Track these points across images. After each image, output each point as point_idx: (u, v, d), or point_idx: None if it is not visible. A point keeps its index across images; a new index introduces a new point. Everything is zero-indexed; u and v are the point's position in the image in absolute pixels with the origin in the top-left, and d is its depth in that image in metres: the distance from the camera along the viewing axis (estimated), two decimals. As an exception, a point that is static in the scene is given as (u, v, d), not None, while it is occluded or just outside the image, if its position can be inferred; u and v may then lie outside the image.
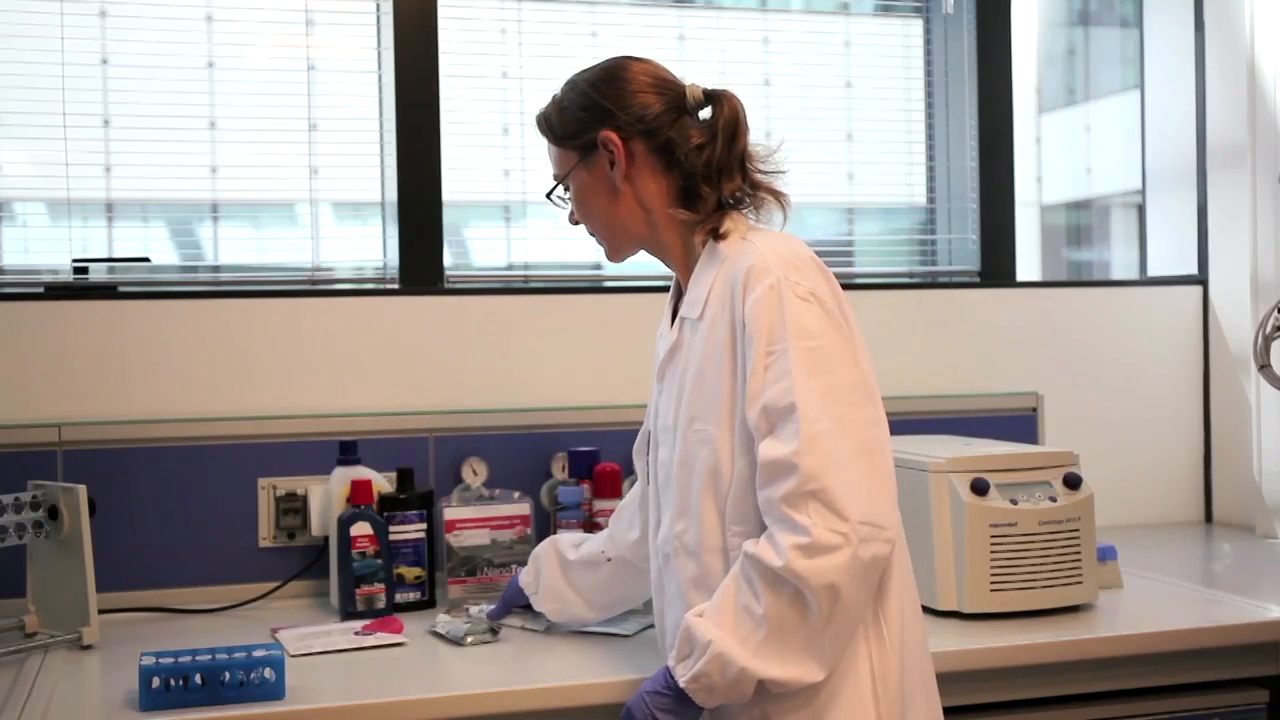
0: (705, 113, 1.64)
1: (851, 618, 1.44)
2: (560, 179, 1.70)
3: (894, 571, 1.52)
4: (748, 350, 1.48)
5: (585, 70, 1.69)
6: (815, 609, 1.41)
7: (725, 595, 1.46)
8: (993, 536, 2.00)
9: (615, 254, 1.71)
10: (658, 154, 1.62)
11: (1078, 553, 2.04)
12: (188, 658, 1.66)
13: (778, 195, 1.64)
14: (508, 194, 2.70)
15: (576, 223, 1.72)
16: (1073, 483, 2.07)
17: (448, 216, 2.58)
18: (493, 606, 2.02)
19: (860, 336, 1.53)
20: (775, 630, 1.42)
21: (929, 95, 2.97)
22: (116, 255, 2.48)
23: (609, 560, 1.89)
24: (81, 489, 1.98)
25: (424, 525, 2.24)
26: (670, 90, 1.64)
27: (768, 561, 1.41)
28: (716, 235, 1.59)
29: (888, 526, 1.43)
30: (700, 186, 1.61)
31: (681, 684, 1.46)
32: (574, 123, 1.65)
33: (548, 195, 1.73)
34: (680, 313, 1.63)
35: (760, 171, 1.64)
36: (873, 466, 1.44)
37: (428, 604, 2.22)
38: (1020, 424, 2.72)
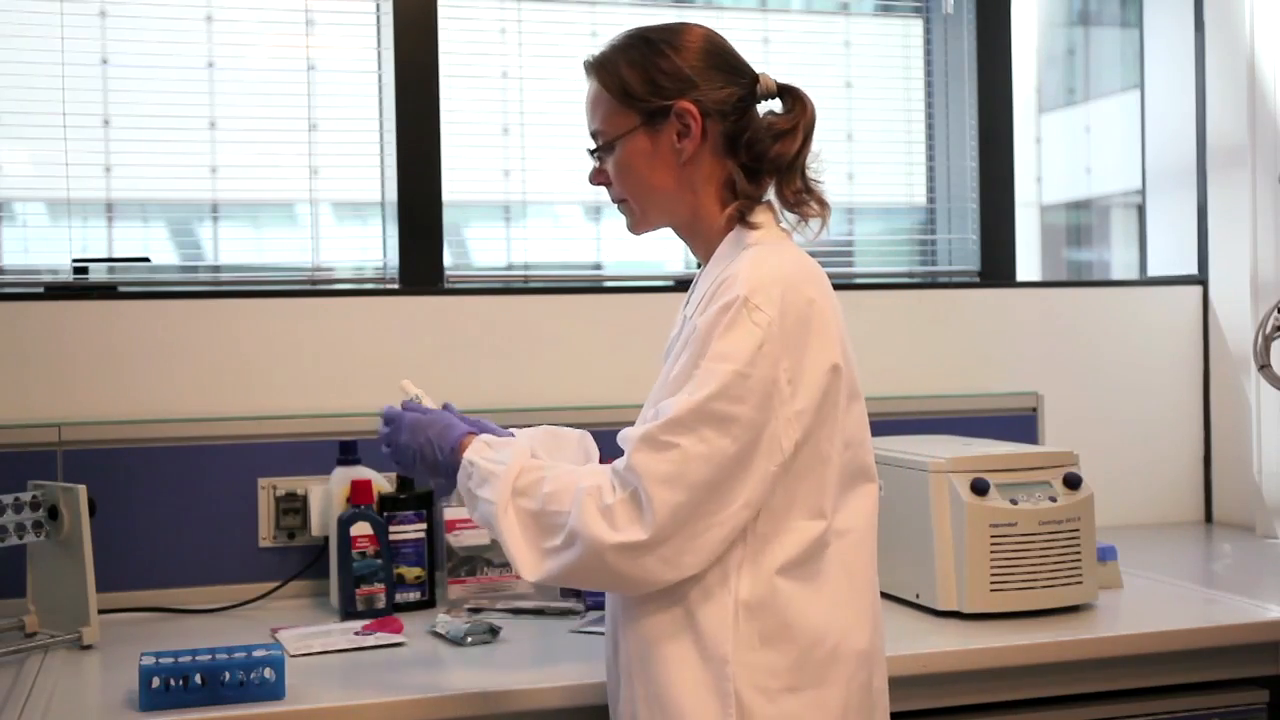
0: (774, 105, 1.59)
1: (584, 581, 1.49)
2: (612, 138, 1.57)
3: (827, 572, 1.47)
4: (687, 347, 1.45)
5: (658, 29, 1.58)
6: (560, 540, 1.43)
7: (556, 471, 1.49)
8: (993, 536, 2.00)
9: (641, 226, 1.62)
10: (724, 137, 1.56)
11: (1078, 553, 2.04)
12: (188, 658, 1.65)
13: (824, 204, 1.60)
14: (508, 194, 2.70)
15: (600, 184, 1.63)
16: (1073, 483, 2.07)
17: (448, 216, 2.58)
18: None
19: (821, 368, 1.45)
20: (539, 520, 1.45)
21: (929, 95, 2.97)
22: (116, 255, 2.48)
23: None
24: (81, 489, 1.98)
25: (424, 525, 2.24)
26: (746, 75, 1.57)
27: (585, 478, 1.45)
28: (746, 223, 1.55)
29: (673, 551, 1.40)
30: (762, 179, 1.56)
31: (463, 455, 1.52)
32: (648, 84, 1.54)
33: (593, 151, 1.62)
34: (684, 308, 1.60)
35: (814, 180, 1.60)
36: (703, 497, 1.40)
37: (428, 604, 2.22)
38: (1020, 424, 2.72)
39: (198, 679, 1.63)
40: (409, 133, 2.55)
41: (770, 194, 1.59)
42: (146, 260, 2.49)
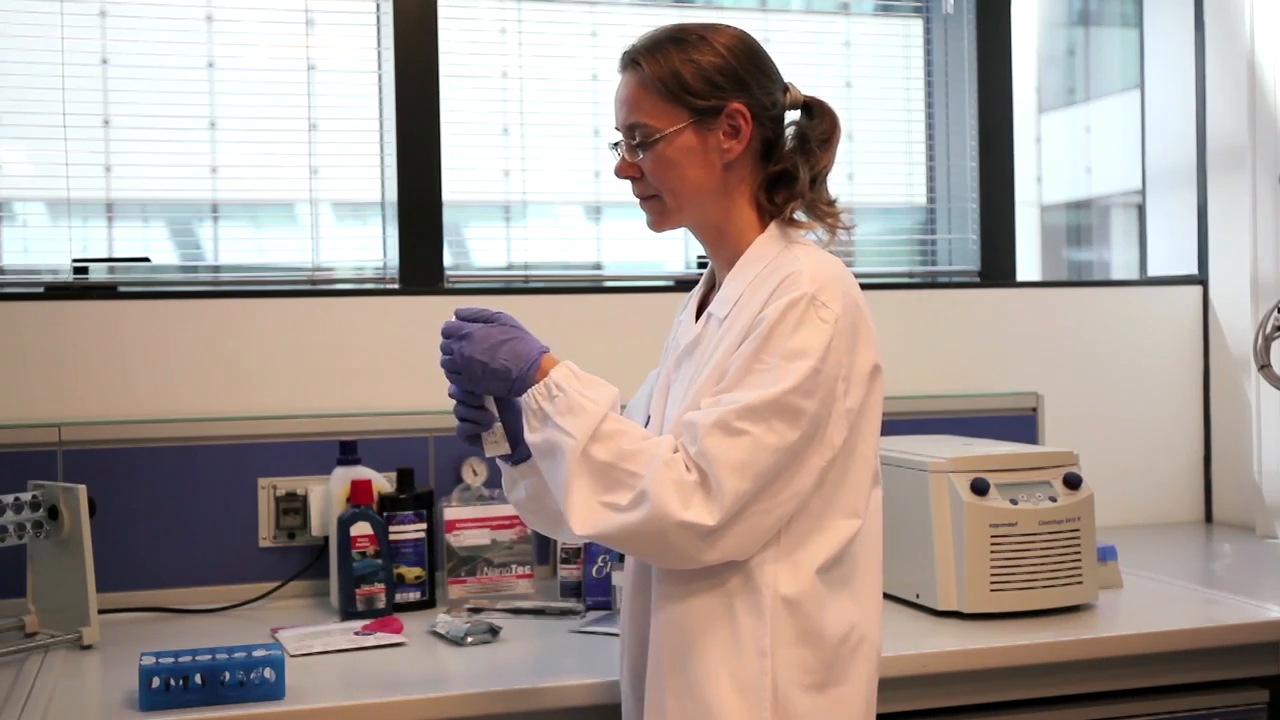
0: (796, 115, 1.61)
1: (636, 548, 1.44)
2: (659, 133, 1.54)
3: (858, 566, 1.50)
4: (749, 340, 1.46)
5: (709, 27, 1.57)
6: (628, 499, 1.40)
7: (640, 432, 1.47)
8: (993, 536, 2.00)
9: (668, 223, 1.60)
10: (763, 143, 1.56)
11: (1078, 553, 2.04)
12: (188, 658, 1.66)
13: (849, 211, 1.61)
14: (508, 194, 2.69)
15: (628, 176, 1.59)
16: (1073, 483, 2.07)
17: (448, 216, 2.58)
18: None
19: (866, 369, 1.51)
20: (610, 473, 1.42)
21: (929, 95, 2.97)
22: (116, 255, 2.48)
23: None
24: (81, 489, 1.98)
25: (424, 525, 2.24)
26: (781, 83, 1.59)
27: (665, 448, 1.42)
28: (793, 222, 1.56)
29: (725, 537, 1.41)
30: (794, 188, 1.56)
31: (552, 373, 1.47)
32: (706, 82, 1.53)
33: (631, 145, 1.57)
34: (709, 308, 1.58)
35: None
36: (762, 485, 1.41)
37: (428, 604, 2.22)
38: (1020, 424, 2.72)
39: (198, 679, 1.63)
40: (409, 133, 2.55)
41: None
42: (146, 260, 2.49)
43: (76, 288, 2.41)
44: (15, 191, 2.49)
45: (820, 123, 1.59)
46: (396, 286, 2.55)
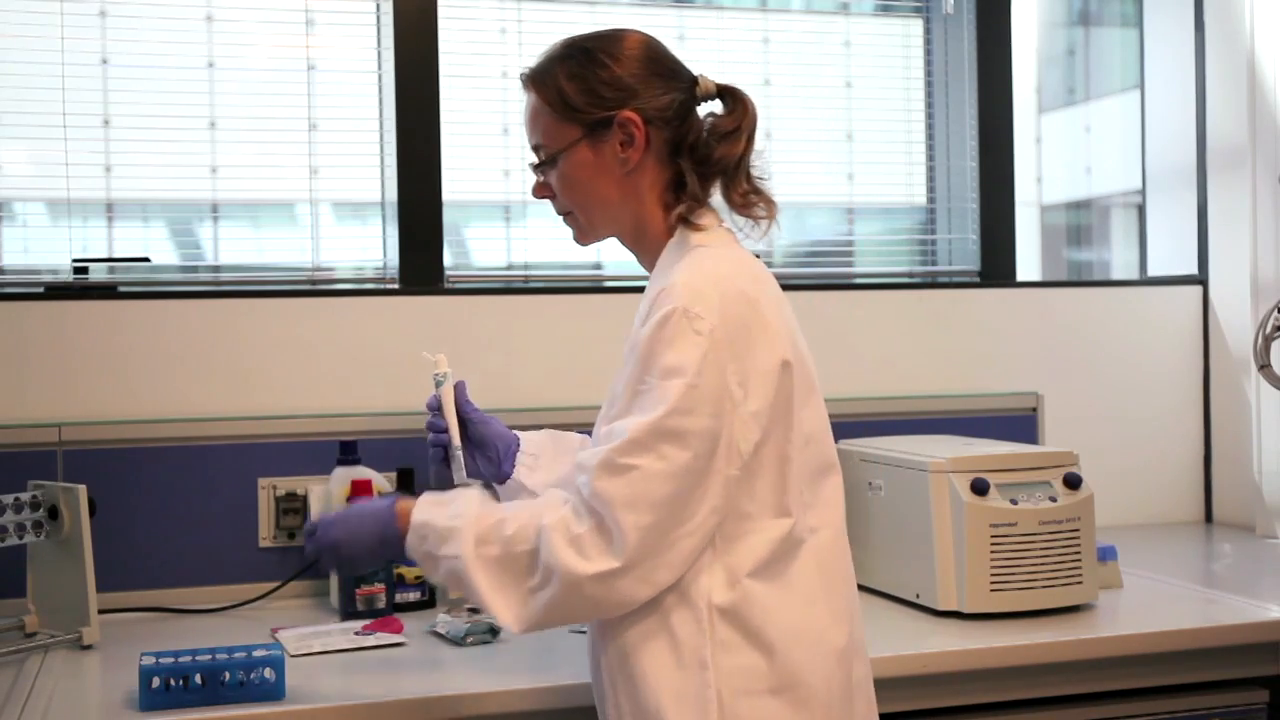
0: (714, 106, 1.59)
1: (567, 617, 1.45)
2: (555, 152, 1.57)
3: (795, 570, 1.46)
4: (630, 363, 1.45)
5: (595, 37, 1.59)
6: (537, 579, 1.41)
7: (510, 510, 1.48)
8: (993, 536, 2.00)
9: (588, 237, 1.62)
10: (667, 144, 1.55)
11: (1078, 553, 2.04)
12: (188, 658, 1.65)
13: (771, 203, 1.59)
14: (508, 194, 2.70)
15: (544, 197, 1.62)
16: (1073, 483, 2.07)
17: (448, 216, 2.58)
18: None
19: (768, 367, 1.44)
20: (507, 562, 1.43)
21: (929, 95, 2.97)
22: (116, 255, 2.48)
23: None
24: (81, 489, 1.98)
25: (424, 525, 2.23)
26: (685, 78, 1.57)
27: (547, 511, 1.43)
28: (690, 225, 1.54)
29: (650, 570, 1.40)
30: (706, 184, 1.56)
31: (415, 518, 1.48)
32: (589, 96, 1.54)
33: (535, 166, 1.61)
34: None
35: (759, 179, 1.59)
36: (669, 512, 1.40)
37: (428, 604, 2.22)
38: (1020, 424, 2.72)
39: (198, 679, 1.63)
40: (409, 133, 2.55)
41: (715, 197, 1.58)
42: (146, 260, 2.49)
43: (76, 288, 2.41)
44: (15, 191, 2.49)
45: (728, 115, 1.57)
46: (396, 286, 2.55)
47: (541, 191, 1.62)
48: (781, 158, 2.83)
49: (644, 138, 1.53)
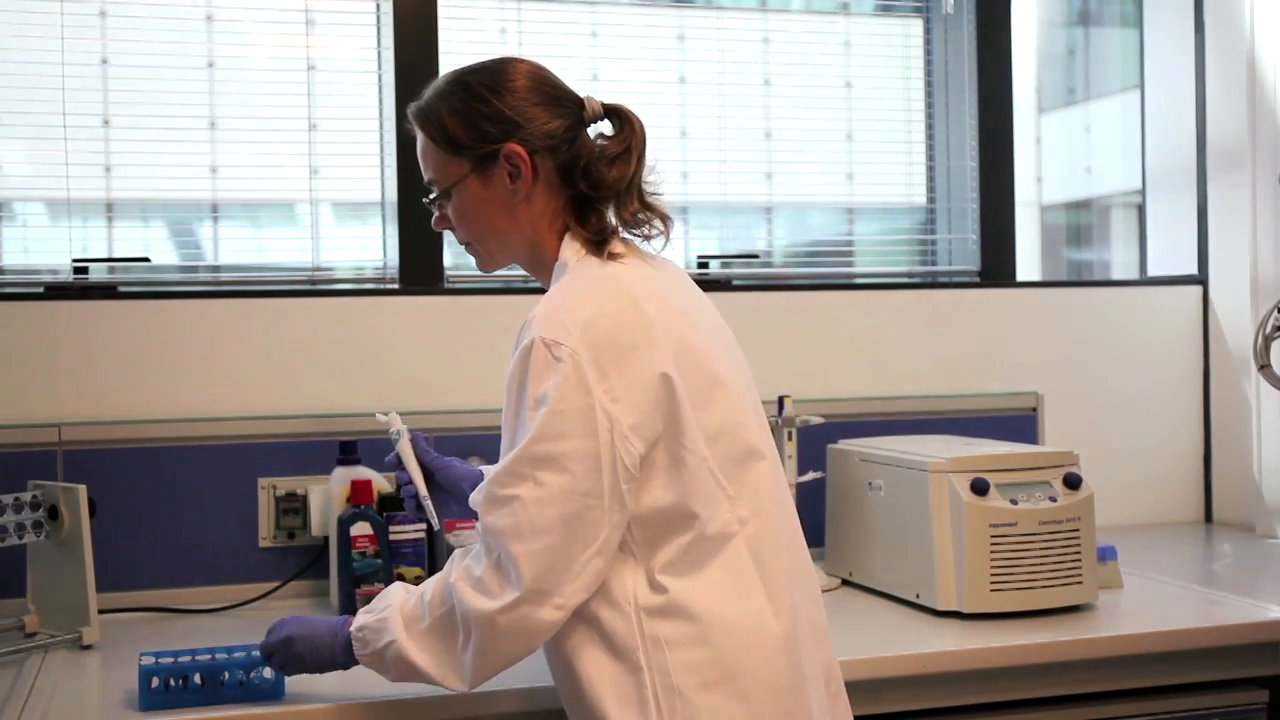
0: (604, 126, 1.60)
1: (498, 658, 1.47)
2: (446, 186, 1.60)
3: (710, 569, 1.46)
4: (506, 397, 1.47)
5: (477, 70, 1.60)
6: (461, 634, 1.46)
7: (427, 582, 1.52)
8: (993, 536, 2.00)
9: (489, 265, 1.66)
10: (557, 170, 1.56)
11: (1078, 553, 2.04)
12: (187, 658, 1.66)
13: (666, 219, 1.60)
14: (508, 194, 2.69)
15: (444, 228, 1.65)
16: (1073, 483, 2.07)
17: (448, 216, 2.58)
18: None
19: (647, 380, 1.44)
20: (436, 629, 1.48)
21: (929, 95, 2.97)
22: (116, 255, 2.48)
23: None
24: (81, 489, 1.98)
25: (424, 525, 2.23)
26: (571, 102, 1.59)
27: (452, 569, 1.48)
28: (611, 255, 1.55)
29: (559, 594, 1.41)
30: (598, 206, 1.57)
31: (351, 628, 1.54)
32: (472, 131, 1.56)
33: (425, 201, 1.64)
34: None
35: (651, 193, 1.60)
36: (564, 535, 1.41)
37: (428, 604, 2.22)
38: (1020, 424, 2.72)
39: (197, 679, 1.63)
40: (409, 133, 2.53)
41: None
42: (146, 260, 2.49)
43: (76, 288, 2.41)
44: (15, 191, 2.50)
45: (616, 137, 1.58)
46: (396, 286, 2.56)
47: (441, 224, 1.65)
48: (781, 158, 2.83)
49: (530, 169, 1.55)
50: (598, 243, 1.56)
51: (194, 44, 2.51)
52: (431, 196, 1.63)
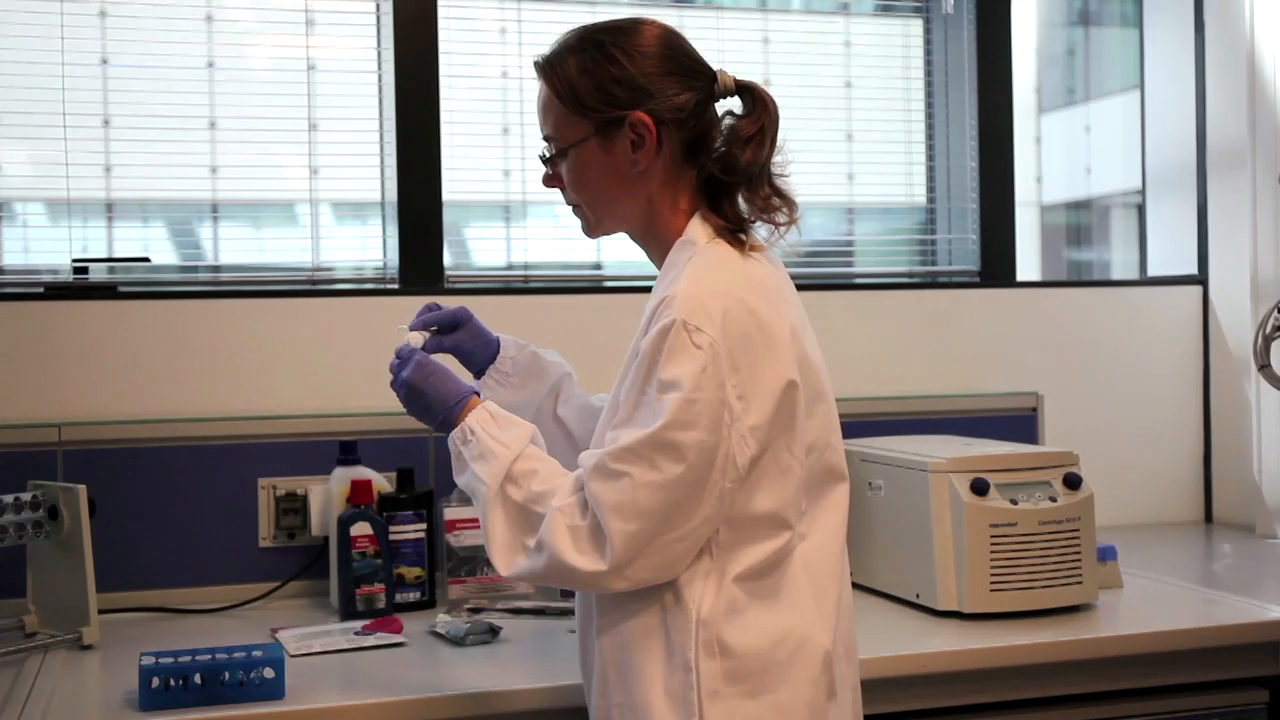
0: (733, 103, 1.55)
1: (550, 583, 1.51)
2: (565, 146, 1.53)
3: (789, 580, 1.46)
4: (632, 372, 1.44)
5: (611, 30, 1.52)
6: (534, 541, 1.44)
7: (548, 461, 1.50)
8: (993, 536, 2.00)
9: (596, 231, 1.60)
10: (682, 144, 1.50)
11: (1078, 553, 2.04)
12: (188, 658, 1.66)
13: (793, 205, 1.55)
14: (508, 194, 2.70)
15: (554, 187, 1.59)
16: (1073, 483, 2.07)
17: (448, 216, 2.58)
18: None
19: (774, 386, 1.42)
20: (523, 514, 1.46)
21: (929, 95, 2.97)
22: (116, 255, 2.49)
23: None
24: (81, 489, 1.98)
25: (424, 525, 2.24)
26: (703, 75, 1.52)
27: (562, 491, 1.44)
28: (752, 248, 1.51)
29: (631, 568, 1.40)
30: (731, 187, 1.52)
31: (467, 418, 1.51)
32: (601, 94, 1.49)
33: (545, 158, 1.58)
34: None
35: (780, 177, 1.55)
36: (661, 521, 1.39)
37: (428, 604, 2.22)
38: (1020, 424, 2.72)
39: (197, 679, 1.63)
40: (409, 133, 2.55)
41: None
42: (146, 260, 2.49)
43: (76, 288, 2.41)
44: (15, 191, 2.50)
45: (749, 117, 1.53)
46: (396, 286, 2.56)
47: (551, 182, 1.60)
48: (784, 160, 2.82)
49: (655, 140, 1.49)
50: (733, 231, 1.51)
51: (194, 44, 2.51)
52: (551, 153, 1.57)
